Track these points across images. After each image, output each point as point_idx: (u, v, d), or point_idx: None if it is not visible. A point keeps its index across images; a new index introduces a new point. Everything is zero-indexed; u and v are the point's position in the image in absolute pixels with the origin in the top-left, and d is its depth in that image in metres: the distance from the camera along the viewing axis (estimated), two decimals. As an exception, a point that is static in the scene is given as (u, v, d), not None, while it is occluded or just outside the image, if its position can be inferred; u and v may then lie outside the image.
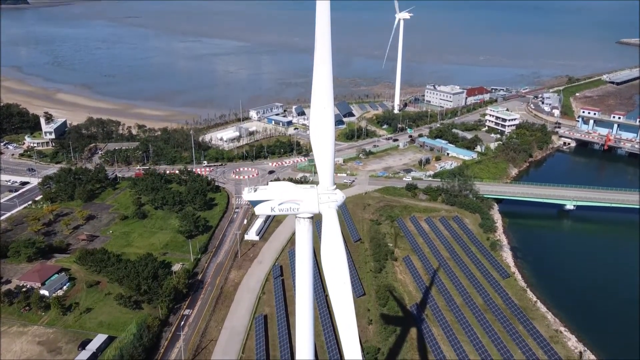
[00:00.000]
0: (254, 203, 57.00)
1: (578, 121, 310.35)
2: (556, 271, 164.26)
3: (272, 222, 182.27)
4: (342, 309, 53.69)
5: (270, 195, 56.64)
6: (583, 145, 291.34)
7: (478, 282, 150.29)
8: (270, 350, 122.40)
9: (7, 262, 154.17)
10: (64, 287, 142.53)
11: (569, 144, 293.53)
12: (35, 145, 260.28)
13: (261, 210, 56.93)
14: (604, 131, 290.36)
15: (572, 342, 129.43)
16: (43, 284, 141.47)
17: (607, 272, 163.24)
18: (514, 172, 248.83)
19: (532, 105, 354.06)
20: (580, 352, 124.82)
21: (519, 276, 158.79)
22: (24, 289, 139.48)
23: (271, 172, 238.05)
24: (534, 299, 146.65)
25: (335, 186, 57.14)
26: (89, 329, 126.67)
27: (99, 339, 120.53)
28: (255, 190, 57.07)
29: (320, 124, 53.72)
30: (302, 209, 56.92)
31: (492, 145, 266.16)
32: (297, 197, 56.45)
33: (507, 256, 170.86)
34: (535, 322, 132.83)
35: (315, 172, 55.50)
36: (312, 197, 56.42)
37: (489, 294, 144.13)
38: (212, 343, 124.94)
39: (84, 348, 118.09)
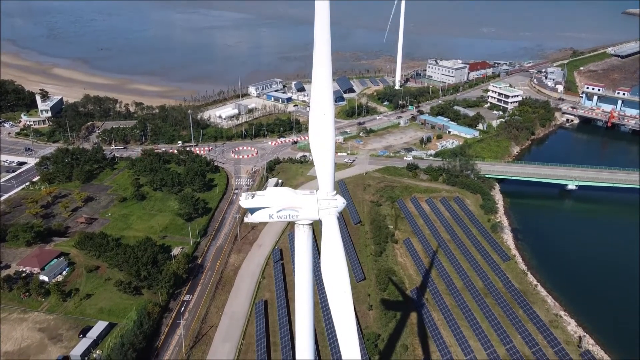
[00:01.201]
0: (252, 210, 55.00)
1: (582, 97, 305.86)
2: (557, 253, 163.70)
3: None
4: (342, 319, 52.38)
5: (268, 202, 54.53)
6: (586, 122, 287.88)
7: (478, 265, 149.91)
8: (271, 337, 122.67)
9: (5, 246, 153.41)
10: (64, 273, 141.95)
11: (572, 120, 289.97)
12: (32, 123, 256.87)
13: (259, 218, 54.89)
14: (608, 107, 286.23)
15: (572, 326, 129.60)
16: (42, 269, 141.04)
17: (608, 254, 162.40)
18: (516, 150, 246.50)
19: (535, 81, 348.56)
20: (580, 337, 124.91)
21: (519, 259, 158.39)
22: (23, 275, 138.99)
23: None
24: (534, 282, 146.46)
25: (335, 192, 55.22)
26: (89, 315, 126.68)
27: (100, 326, 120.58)
28: (252, 197, 54.91)
29: (319, 130, 51.52)
30: (302, 216, 55.03)
31: (494, 123, 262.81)
32: (296, 204, 54.43)
33: (508, 238, 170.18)
34: (535, 306, 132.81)
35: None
36: (311, 203, 54.47)
37: (489, 278, 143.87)
38: (212, 329, 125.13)
39: (84, 335, 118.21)
